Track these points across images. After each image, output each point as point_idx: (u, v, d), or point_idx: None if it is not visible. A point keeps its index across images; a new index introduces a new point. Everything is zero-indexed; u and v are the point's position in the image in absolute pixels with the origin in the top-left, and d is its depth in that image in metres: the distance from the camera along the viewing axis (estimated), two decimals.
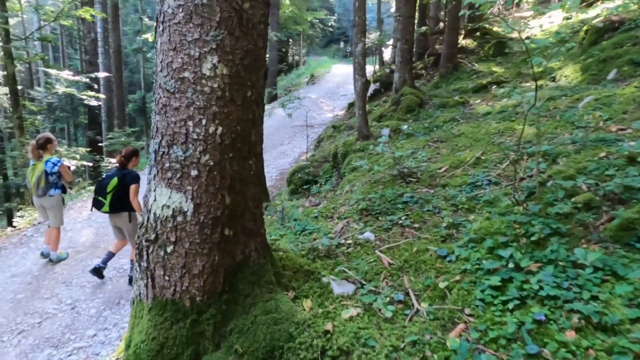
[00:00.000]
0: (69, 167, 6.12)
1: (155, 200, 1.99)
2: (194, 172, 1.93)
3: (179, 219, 1.95)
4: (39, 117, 19.43)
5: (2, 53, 14.16)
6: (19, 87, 18.38)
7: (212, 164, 1.94)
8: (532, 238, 2.44)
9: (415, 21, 10.40)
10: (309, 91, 21.78)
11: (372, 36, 18.44)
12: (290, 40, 33.05)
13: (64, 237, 6.59)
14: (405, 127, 6.63)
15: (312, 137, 13.47)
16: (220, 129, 1.94)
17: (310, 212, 4.19)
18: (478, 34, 13.13)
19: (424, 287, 2.44)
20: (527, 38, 11.46)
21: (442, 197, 3.74)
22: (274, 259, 2.34)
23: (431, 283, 2.43)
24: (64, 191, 6.12)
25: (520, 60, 9.46)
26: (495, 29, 13.57)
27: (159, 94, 1.97)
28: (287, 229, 3.87)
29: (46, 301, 5.80)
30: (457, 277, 2.40)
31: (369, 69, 16.38)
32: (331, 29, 38.13)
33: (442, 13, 14.63)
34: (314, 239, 3.48)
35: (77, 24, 24.43)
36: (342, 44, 39.18)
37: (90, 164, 14.79)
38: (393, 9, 19.05)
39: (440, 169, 4.48)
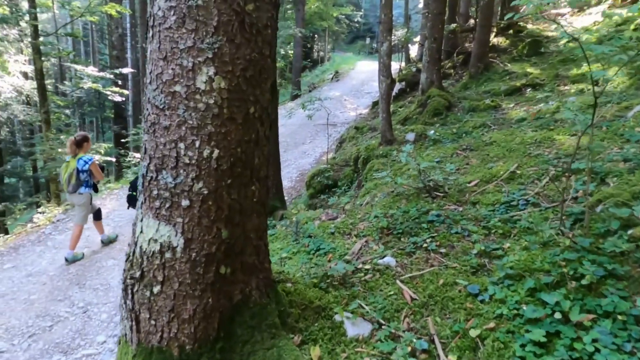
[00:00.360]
0: (102, 168, 6.17)
1: (142, 232, 1.73)
2: (185, 202, 1.66)
3: (168, 255, 1.68)
4: (67, 111, 19.79)
5: (31, 48, 14.39)
6: (51, 81, 18.78)
7: (206, 192, 1.66)
8: (583, 281, 2.06)
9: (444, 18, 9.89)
10: (333, 88, 21.45)
11: (399, 33, 17.91)
12: (316, 36, 32.70)
13: (82, 236, 6.59)
14: (431, 132, 6.24)
15: (334, 137, 13.17)
16: (216, 151, 1.65)
17: (327, 226, 3.89)
18: (511, 31, 12.49)
19: (451, 333, 2.10)
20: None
21: (472, 217, 3.37)
22: (279, 295, 2.05)
23: (460, 329, 2.09)
24: (95, 190, 6.21)
25: (558, 61, 8.85)
26: (529, 26, 12.89)
27: (147, 110, 1.71)
28: (300, 246, 3.58)
29: (59, 303, 5.73)
30: (491, 324, 2.06)
31: (395, 66, 15.90)
32: (357, 25, 37.58)
33: (473, 9, 14.01)
34: (329, 260, 3.19)
35: (108, 20, 24.77)
36: (368, 40, 38.54)
37: (114, 159, 14.89)
38: (421, 5, 18.44)
39: (470, 182, 4.10)
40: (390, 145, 6.47)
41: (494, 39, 12.01)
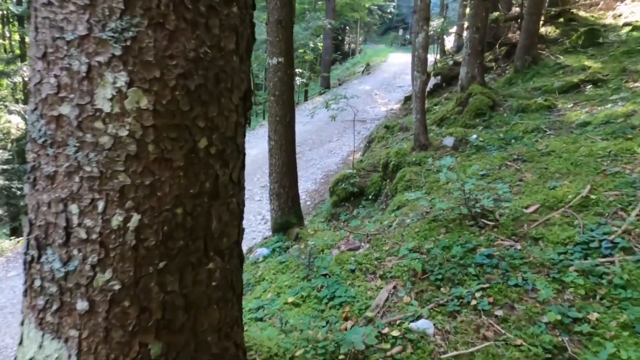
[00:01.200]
0: None
1: (21, 343, 1.06)
2: (82, 305, 0.97)
3: None
4: None
5: None
6: None
7: (118, 288, 0.97)
8: None
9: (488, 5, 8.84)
10: (363, 82, 20.57)
11: (434, 23, 16.76)
12: (347, 27, 31.68)
13: None
14: (473, 137, 5.36)
15: (363, 134, 12.39)
16: (135, 218, 0.96)
17: (346, 260, 3.16)
18: (561, 20, 11.25)
19: None
20: (628, 25, 9.51)
21: (535, 261, 2.55)
22: None
23: None
24: None
25: (621, 53, 7.69)
26: (582, 13, 11.60)
27: (28, 145, 1.03)
28: (312, 288, 2.87)
29: None
30: None
31: (429, 58, 14.86)
32: (390, 16, 36.30)
33: None
34: (345, 318, 2.46)
35: None
36: (400, 32, 37.08)
37: None
38: None
39: (527, 207, 3.26)
40: (425, 151, 5.64)
41: (542, 29, 10.81)
